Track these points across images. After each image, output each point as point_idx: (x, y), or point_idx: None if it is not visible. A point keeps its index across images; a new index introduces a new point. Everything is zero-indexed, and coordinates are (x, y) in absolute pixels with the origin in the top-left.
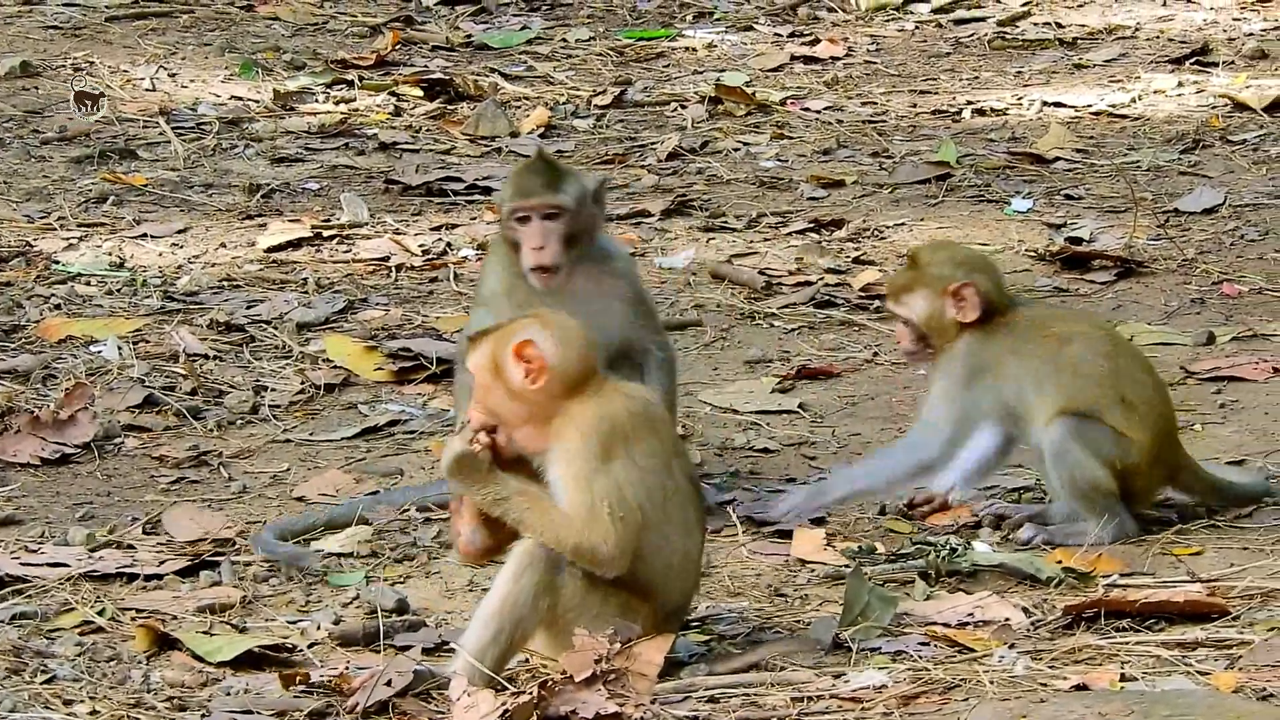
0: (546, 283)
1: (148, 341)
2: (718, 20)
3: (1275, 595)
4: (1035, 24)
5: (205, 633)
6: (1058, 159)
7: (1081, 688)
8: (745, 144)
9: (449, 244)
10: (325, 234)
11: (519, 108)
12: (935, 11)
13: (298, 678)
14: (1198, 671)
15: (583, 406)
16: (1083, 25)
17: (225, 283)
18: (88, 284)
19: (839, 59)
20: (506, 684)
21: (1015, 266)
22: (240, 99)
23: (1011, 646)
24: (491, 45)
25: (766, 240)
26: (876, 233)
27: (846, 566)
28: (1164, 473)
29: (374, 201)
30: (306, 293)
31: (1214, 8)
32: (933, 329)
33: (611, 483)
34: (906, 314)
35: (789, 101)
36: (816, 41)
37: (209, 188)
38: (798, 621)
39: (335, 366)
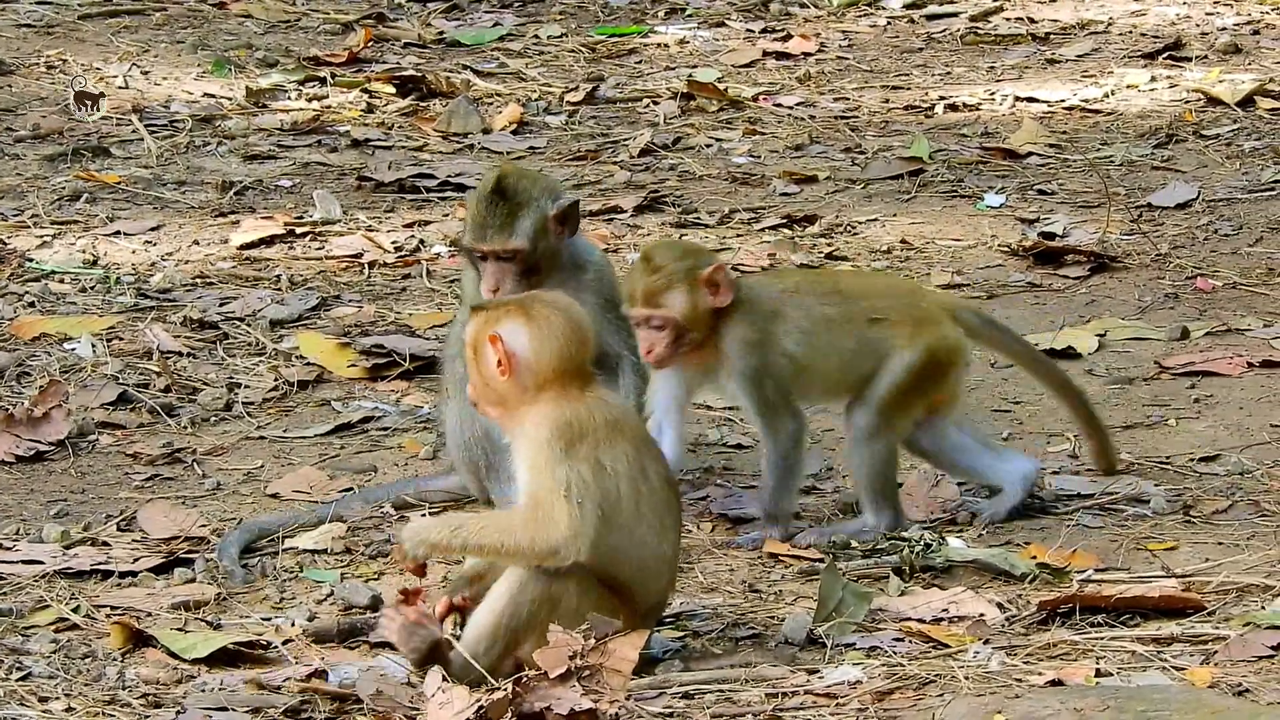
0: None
1: (121, 339)
2: (689, 16)
3: (1250, 590)
4: (1008, 19)
5: (180, 630)
6: (1031, 154)
7: (1056, 683)
8: (717, 140)
9: (422, 241)
10: (298, 231)
11: (491, 104)
12: (907, 7)
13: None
14: (1173, 667)
15: (553, 405)
16: (1055, 20)
17: (199, 280)
18: (61, 282)
19: (811, 55)
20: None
21: (988, 262)
22: (213, 96)
23: (986, 642)
24: (464, 42)
25: (739, 236)
26: (849, 228)
27: (820, 562)
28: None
29: (347, 198)
30: (280, 290)
31: (1186, 2)
32: (693, 322)
33: (571, 472)
34: (666, 313)
35: (761, 97)
36: (788, 37)
37: (182, 185)
38: (772, 617)
39: (308, 363)
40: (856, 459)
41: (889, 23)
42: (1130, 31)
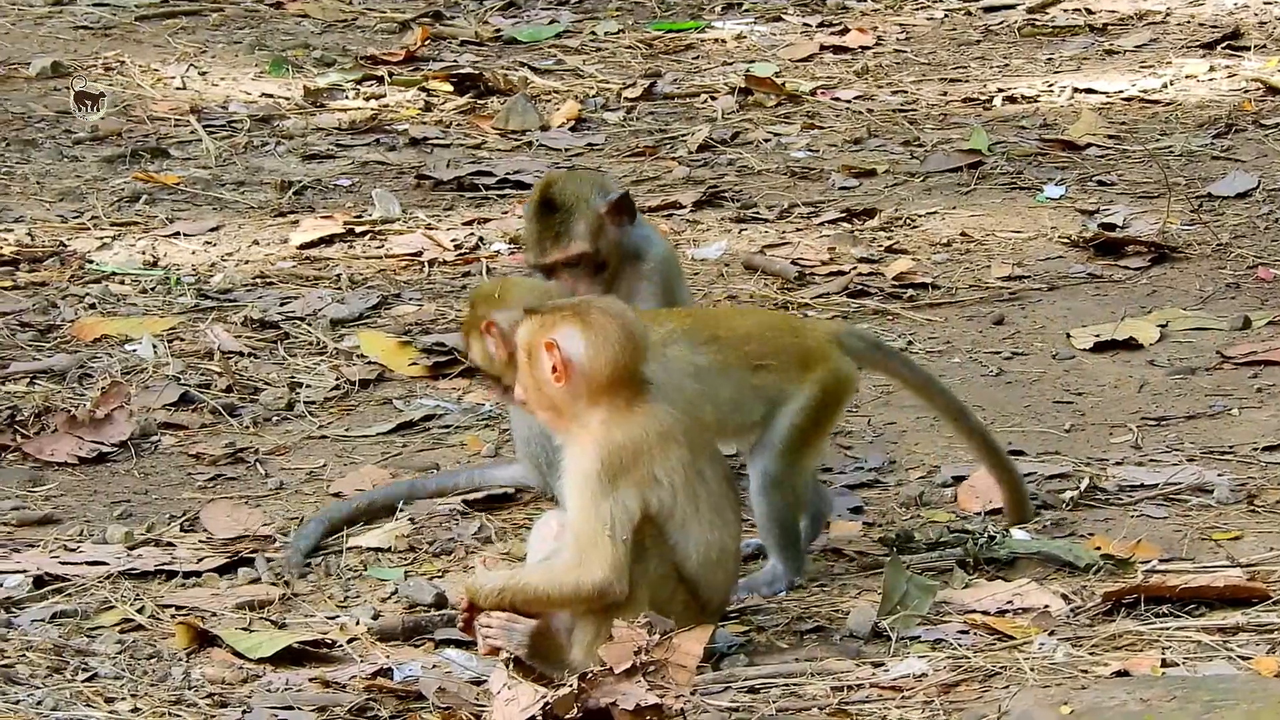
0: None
1: (182, 340)
2: (746, 11)
3: None
4: (1065, 10)
5: (245, 629)
6: (1090, 145)
7: (1122, 674)
8: (776, 134)
9: (481, 238)
10: (358, 230)
11: (549, 101)
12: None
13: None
14: (1239, 656)
15: (605, 425)
16: (1113, 11)
17: (259, 280)
18: (122, 283)
19: (868, 48)
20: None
21: (1049, 254)
22: (271, 96)
23: (1051, 634)
24: (520, 39)
25: (799, 230)
26: (909, 222)
27: (884, 555)
28: None
29: (406, 197)
30: (340, 289)
31: None
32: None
33: (615, 506)
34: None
35: (819, 91)
36: (846, 31)
37: (241, 185)
38: (836, 611)
39: (370, 362)
40: (760, 508)
41: (946, 15)
42: (1188, 21)
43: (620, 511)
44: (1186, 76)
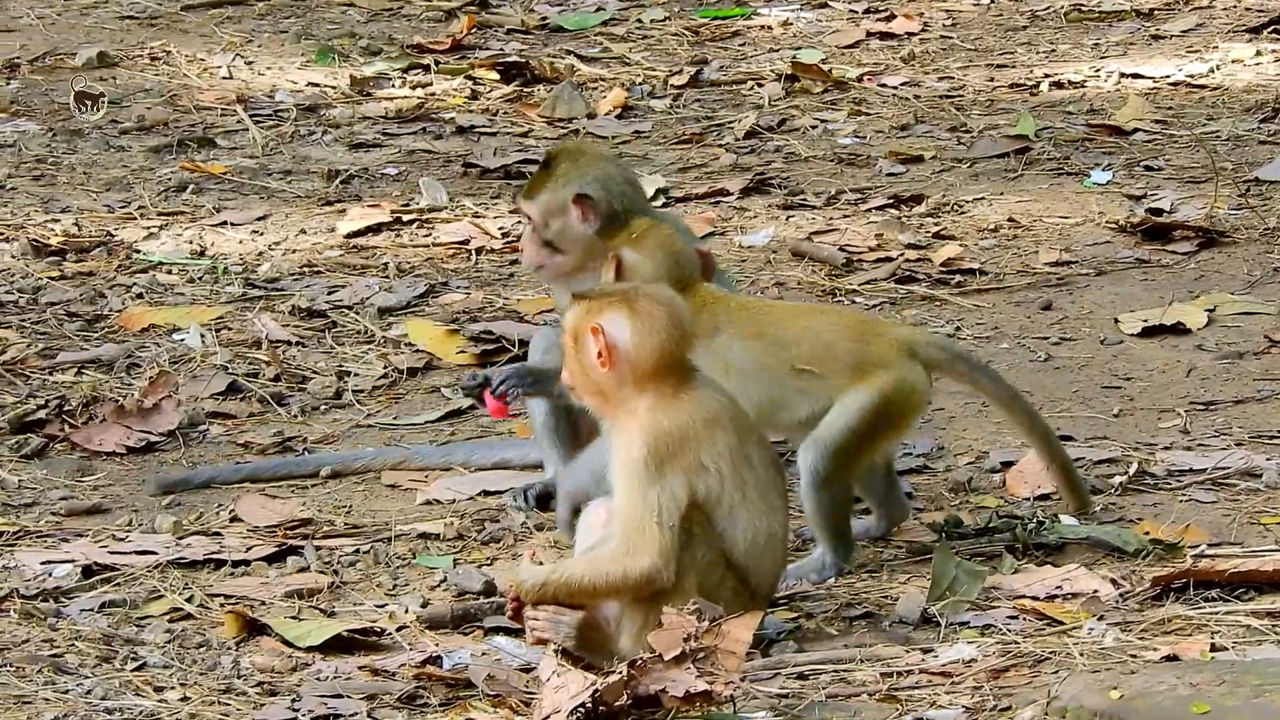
0: (539, 278)
1: (230, 329)
2: None
3: None
4: None
5: (294, 618)
6: (1136, 130)
7: (1172, 658)
8: (822, 121)
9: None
10: (405, 219)
11: (595, 89)
12: None
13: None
14: None
15: (651, 412)
16: None
17: (306, 269)
18: (169, 273)
19: (915, 34)
20: None
21: (1096, 239)
22: (317, 85)
23: (1100, 618)
24: (566, 27)
25: (846, 217)
26: (956, 207)
27: (933, 541)
28: None
29: (453, 185)
30: (387, 277)
31: None
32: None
33: (663, 494)
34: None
35: (866, 78)
36: (892, 17)
37: (288, 174)
38: (885, 597)
39: (417, 350)
40: (810, 503)
41: (992, 1)
42: (1234, 5)
43: (668, 498)
44: (1233, 61)
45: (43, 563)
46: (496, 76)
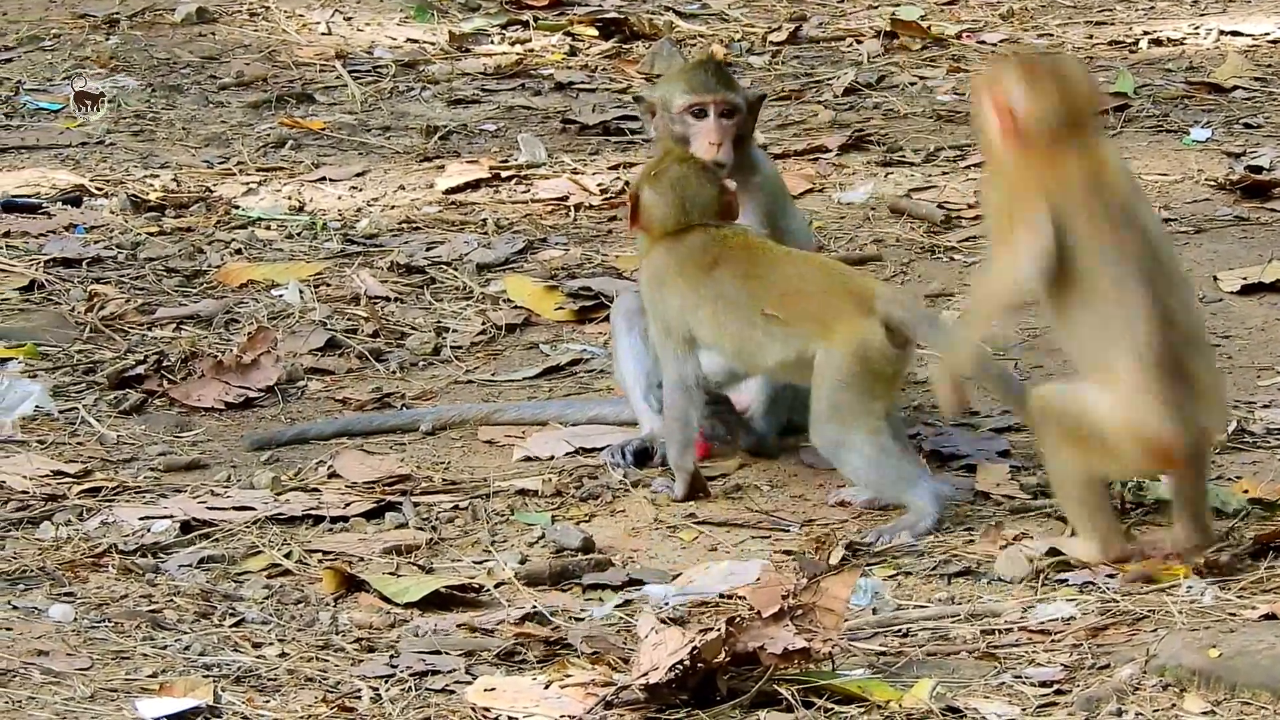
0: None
1: (328, 285)
2: None
3: None
4: None
5: (392, 574)
6: (1236, 88)
7: (1270, 616)
8: (921, 78)
9: (627, 183)
10: (503, 175)
11: (694, 46)
12: None
13: None
14: None
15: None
16: None
17: (404, 225)
18: (268, 228)
19: None
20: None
21: (1195, 196)
22: (416, 42)
23: (1200, 576)
24: None
25: (945, 174)
26: None
27: (1030, 499)
28: None
29: (551, 142)
30: (486, 234)
31: None
32: None
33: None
34: None
35: (964, 35)
36: None
37: (386, 130)
38: (985, 555)
39: (516, 307)
40: (850, 471)
41: None
42: None
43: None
44: None
45: (141, 518)
46: (595, 33)
